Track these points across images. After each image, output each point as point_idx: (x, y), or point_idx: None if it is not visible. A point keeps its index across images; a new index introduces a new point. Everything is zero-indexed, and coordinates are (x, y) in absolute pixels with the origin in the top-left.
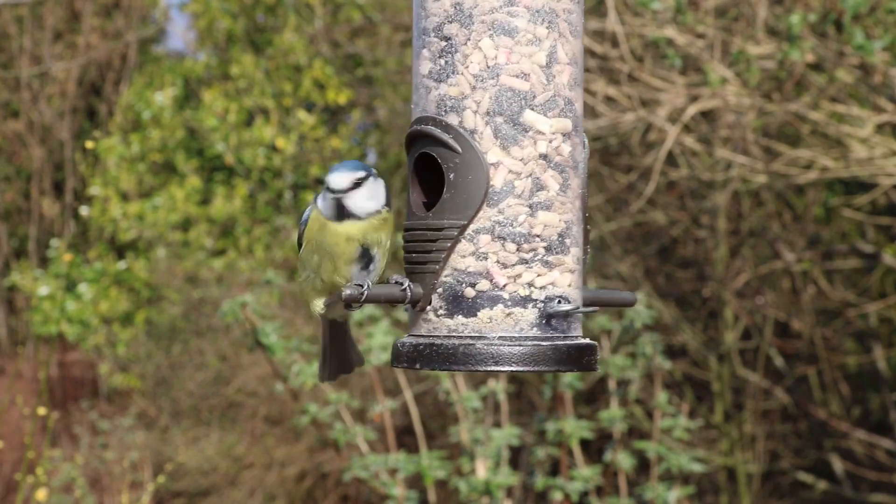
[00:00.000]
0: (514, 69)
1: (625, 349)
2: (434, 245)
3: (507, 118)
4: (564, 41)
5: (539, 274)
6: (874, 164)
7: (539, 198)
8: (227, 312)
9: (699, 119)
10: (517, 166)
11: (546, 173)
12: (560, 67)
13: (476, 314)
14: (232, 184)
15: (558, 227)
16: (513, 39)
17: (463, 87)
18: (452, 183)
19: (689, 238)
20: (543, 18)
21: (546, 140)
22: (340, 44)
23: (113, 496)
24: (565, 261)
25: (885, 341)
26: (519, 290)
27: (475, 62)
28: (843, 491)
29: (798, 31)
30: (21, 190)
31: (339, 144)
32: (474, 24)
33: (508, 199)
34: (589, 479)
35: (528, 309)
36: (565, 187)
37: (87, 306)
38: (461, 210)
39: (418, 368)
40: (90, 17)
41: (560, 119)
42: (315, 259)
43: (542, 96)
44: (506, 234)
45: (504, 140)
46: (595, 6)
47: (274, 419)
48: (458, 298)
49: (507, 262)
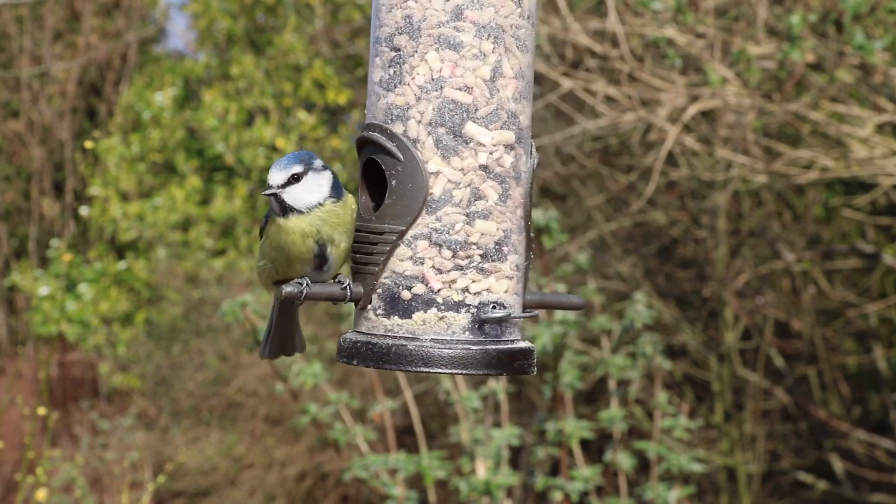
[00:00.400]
0: (458, 82)
1: (625, 349)
2: (375, 248)
3: (448, 129)
4: (510, 55)
5: (473, 280)
6: (874, 164)
7: (477, 207)
8: (227, 312)
9: (699, 119)
10: (456, 176)
11: (485, 183)
12: (505, 81)
13: (411, 316)
14: (232, 184)
15: (495, 236)
16: (458, 53)
17: (409, 98)
18: (394, 189)
19: (689, 238)
20: (489, 34)
21: (487, 151)
22: (340, 44)
23: (113, 496)
24: (502, 268)
25: (885, 341)
26: (453, 295)
27: (421, 74)
28: (843, 491)
29: (798, 32)
30: (21, 190)
31: (339, 144)
32: (422, 37)
33: (446, 207)
34: (589, 479)
35: (460, 313)
36: (505, 197)
37: (87, 306)
38: (401, 216)
39: (355, 364)
40: (90, 17)
41: (502, 131)
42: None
43: (484, 109)
44: (442, 240)
45: (445, 150)
46: (595, 6)
47: (274, 419)
48: (395, 300)
49: (442, 268)
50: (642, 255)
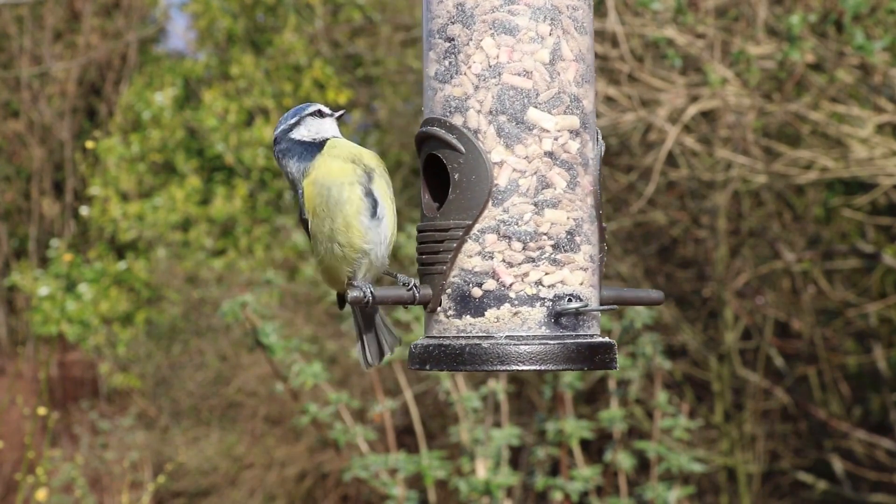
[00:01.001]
0: (517, 67)
1: (625, 349)
2: (441, 246)
3: (510, 117)
4: (569, 37)
5: (547, 272)
6: (874, 165)
7: (545, 195)
8: (227, 312)
9: (699, 119)
10: (521, 164)
11: (552, 171)
12: (565, 64)
13: (483, 314)
14: (232, 184)
15: (567, 225)
16: (514, 38)
17: (466, 88)
18: (457, 183)
19: (689, 238)
20: (545, 16)
21: (551, 137)
22: (340, 44)
23: (113, 496)
24: (575, 259)
25: (885, 341)
26: (526, 289)
27: (477, 62)
28: (843, 491)
29: (798, 32)
30: (21, 190)
31: None
32: (476, 24)
33: (513, 197)
34: (589, 479)
35: (535, 308)
36: (573, 184)
37: (87, 306)
38: (466, 210)
39: (428, 370)
40: (90, 17)
41: (566, 116)
42: (327, 224)
43: (545, 94)
44: (511, 232)
45: (508, 139)
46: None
47: (274, 419)
48: (465, 298)
49: (513, 261)
50: (642, 255)
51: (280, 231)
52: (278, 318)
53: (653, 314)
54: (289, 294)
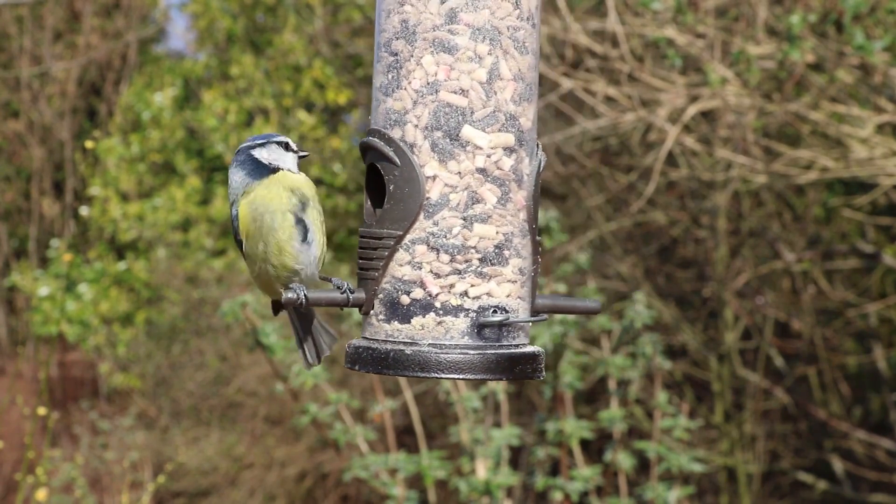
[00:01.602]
0: (454, 85)
1: (625, 349)
2: (375, 253)
3: (445, 133)
4: (509, 58)
5: (472, 284)
6: (874, 165)
7: (475, 210)
8: (227, 312)
9: (699, 119)
10: (453, 180)
11: (483, 187)
12: (503, 83)
13: (410, 321)
14: None
15: (495, 240)
16: (453, 56)
17: (406, 102)
18: (392, 194)
19: (689, 238)
20: (485, 36)
21: (484, 154)
22: (340, 44)
23: (113, 496)
24: (503, 272)
25: (885, 341)
26: (451, 300)
27: (417, 78)
28: (843, 491)
29: (798, 32)
30: (21, 190)
31: (339, 144)
32: (417, 41)
33: (443, 211)
34: (589, 479)
35: (459, 318)
36: (505, 200)
37: (87, 306)
38: (399, 220)
39: (357, 370)
40: (90, 17)
41: (501, 134)
42: (260, 247)
43: (480, 112)
44: (440, 245)
45: (441, 154)
46: (595, 6)
47: (274, 419)
48: (395, 305)
49: (440, 272)
50: (642, 255)
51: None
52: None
53: (653, 314)
54: None
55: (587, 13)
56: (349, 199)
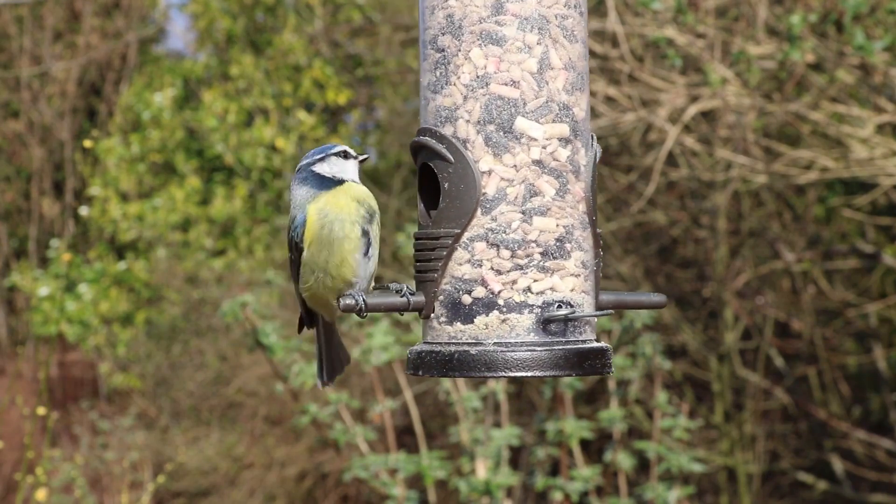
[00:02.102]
0: (504, 77)
1: (625, 349)
2: (433, 254)
3: (498, 126)
4: (558, 46)
5: (535, 279)
6: (874, 165)
7: (533, 203)
8: (227, 312)
9: (699, 119)
10: (509, 173)
11: (540, 179)
12: (554, 73)
13: (473, 321)
14: (232, 184)
15: (556, 233)
16: (501, 48)
17: (455, 98)
18: (447, 192)
19: (689, 238)
20: (533, 25)
21: (539, 146)
22: (340, 44)
23: (113, 496)
24: (565, 265)
25: (885, 341)
26: (514, 296)
27: (466, 72)
28: (843, 491)
29: (798, 32)
30: (21, 190)
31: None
32: (464, 35)
33: (501, 206)
34: (589, 479)
35: (523, 314)
36: (563, 192)
37: (87, 306)
38: (456, 219)
39: (420, 375)
40: (90, 17)
41: (555, 124)
42: (323, 255)
43: (533, 103)
44: (499, 240)
45: (495, 148)
46: (595, 6)
47: (274, 419)
48: (456, 305)
49: (501, 269)
50: (642, 255)
51: (280, 231)
52: (278, 318)
53: (653, 314)
54: (289, 294)
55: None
56: None
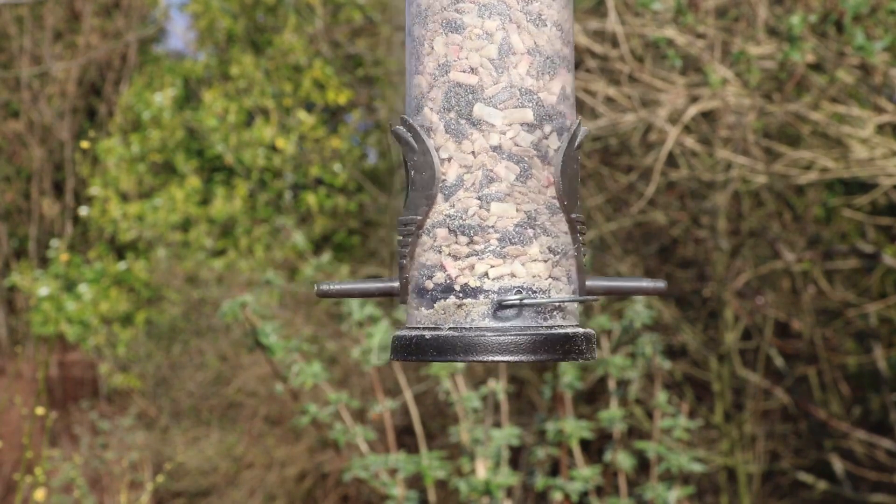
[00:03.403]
0: (463, 65)
1: (624, 349)
2: (403, 240)
3: (458, 113)
4: (522, 31)
5: (492, 265)
6: (874, 165)
7: (491, 189)
8: (227, 312)
9: (699, 119)
10: (468, 160)
11: (499, 165)
12: (515, 58)
13: (433, 306)
14: (232, 184)
15: (515, 218)
16: (461, 35)
17: (422, 87)
18: (413, 180)
19: (689, 238)
20: (492, 12)
21: (498, 132)
22: (340, 44)
23: (113, 496)
24: (527, 251)
25: (885, 341)
26: (470, 282)
27: (431, 61)
28: (843, 491)
29: (798, 32)
30: (21, 190)
31: (339, 144)
32: (429, 24)
33: (459, 192)
34: (589, 479)
35: (478, 300)
36: (525, 177)
37: (87, 306)
38: (420, 206)
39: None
40: (90, 17)
41: (516, 110)
42: None
43: (491, 89)
44: (457, 226)
45: (455, 134)
46: (595, 6)
47: (274, 419)
48: (422, 291)
49: (458, 255)
50: (642, 255)
51: (280, 231)
52: (278, 318)
53: (653, 314)
54: (289, 294)
55: (587, 13)
56: (349, 199)
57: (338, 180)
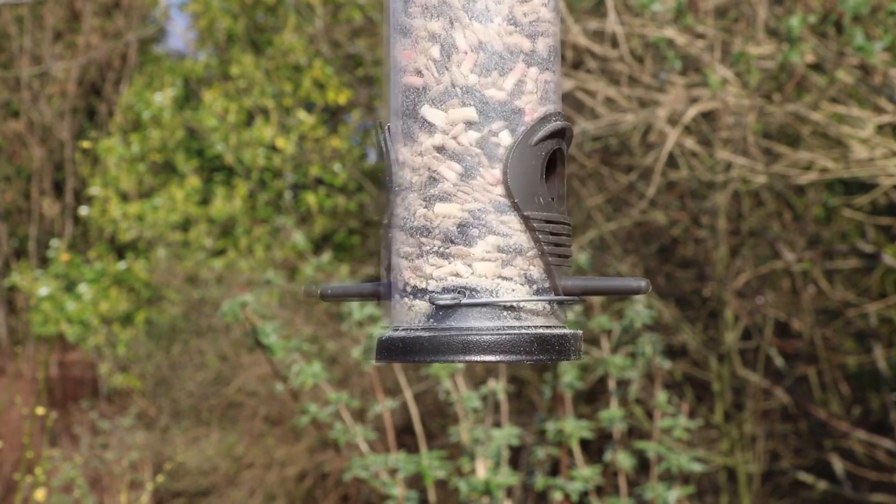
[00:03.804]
0: (411, 67)
1: (625, 349)
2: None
3: (408, 115)
4: (465, 29)
5: (436, 266)
6: (874, 165)
7: (434, 190)
8: (227, 312)
9: (699, 120)
10: (416, 161)
11: (442, 165)
12: (458, 57)
13: (396, 308)
14: (232, 184)
15: (457, 218)
16: (410, 39)
17: (387, 92)
18: (384, 183)
19: (689, 238)
20: (435, 13)
21: (440, 132)
22: (340, 44)
23: (113, 496)
24: (471, 252)
25: (885, 341)
26: (418, 283)
27: (391, 66)
28: (843, 491)
29: (798, 34)
30: (21, 190)
31: (339, 144)
32: (390, 31)
33: (409, 194)
34: (589, 479)
35: (423, 301)
36: (469, 176)
37: (87, 306)
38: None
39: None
40: (90, 17)
41: (459, 109)
42: None
43: (435, 90)
44: (407, 228)
45: (406, 137)
46: (595, 7)
47: (274, 419)
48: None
49: (409, 256)
50: (642, 255)
51: (280, 231)
52: (278, 318)
53: (653, 314)
54: (289, 294)
55: (587, 14)
56: (349, 199)
57: (338, 180)
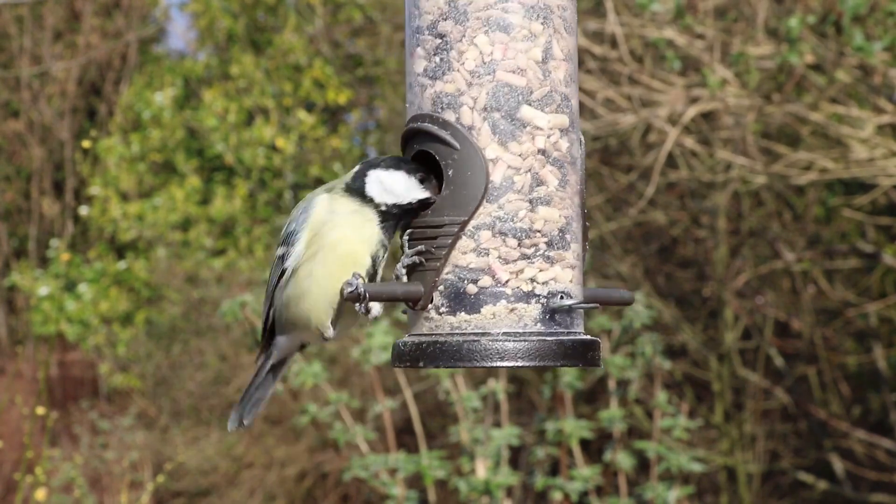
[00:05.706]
0: (511, 65)
1: (625, 349)
2: (434, 242)
3: (504, 114)
4: (559, 37)
5: (541, 269)
6: (874, 165)
7: (539, 193)
8: (227, 312)
9: (699, 120)
10: (516, 161)
11: (545, 168)
12: (556, 63)
13: (479, 310)
14: (232, 184)
15: (559, 223)
16: (508, 35)
17: (459, 84)
18: (451, 179)
19: (689, 238)
20: (538, 14)
21: (544, 135)
22: (340, 44)
23: (113, 496)
24: (566, 256)
25: (885, 341)
26: (522, 286)
27: (471, 58)
28: (843, 491)
29: (797, 34)
30: (21, 190)
31: (339, 144)
32: (469, 21)
33: (508, 194)
34: (589, 479)
35: (531, 304)
36: (564, 183)
37: (87, 306)
38: (461, 206)
39: (422, 367)
40: (90, 17)
41: (557, 115)
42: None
43: (538, 91)
44: (507, 229)
45: (502, 135)
46: (594, 7)
47: (274, 419)
48: (460, 295)
49: (508, 258)
50: (642, 255)
51: (279, 230)
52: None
53: (653, 314)
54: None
55: (586, 14)
56: None
57: None
